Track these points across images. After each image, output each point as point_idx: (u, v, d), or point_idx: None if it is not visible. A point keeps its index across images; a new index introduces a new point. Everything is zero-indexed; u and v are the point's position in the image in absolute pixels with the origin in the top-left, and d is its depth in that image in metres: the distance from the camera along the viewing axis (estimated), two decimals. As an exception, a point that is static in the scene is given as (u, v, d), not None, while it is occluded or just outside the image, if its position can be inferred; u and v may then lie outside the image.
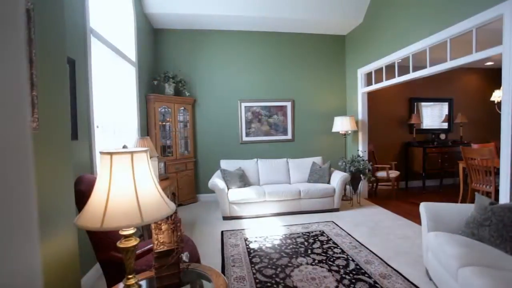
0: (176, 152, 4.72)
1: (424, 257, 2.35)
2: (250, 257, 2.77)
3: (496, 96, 5.07)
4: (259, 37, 5.24)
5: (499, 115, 2.57)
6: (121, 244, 1.13)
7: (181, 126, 4.94)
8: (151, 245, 1.84)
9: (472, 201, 2.30)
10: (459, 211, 2.28)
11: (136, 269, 1.64)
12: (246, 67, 5.23)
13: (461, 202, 4.13)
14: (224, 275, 2.45)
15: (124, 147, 2.78)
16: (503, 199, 2.52)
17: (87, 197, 1.13)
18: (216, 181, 3.94)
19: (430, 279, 2.27)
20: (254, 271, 2.50)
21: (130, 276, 1.15)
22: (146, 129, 4.36)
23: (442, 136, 6.12)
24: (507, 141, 2.46)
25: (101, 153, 1.10)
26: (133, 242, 1.14)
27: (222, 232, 3.51)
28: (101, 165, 1.10)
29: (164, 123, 4.66)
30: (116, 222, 1.02)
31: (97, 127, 2.62)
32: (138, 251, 1.74)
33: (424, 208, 2.35)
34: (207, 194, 5.14)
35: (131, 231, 1.13)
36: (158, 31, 4.95)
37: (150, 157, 3.12)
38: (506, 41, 2.45)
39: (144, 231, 3.06)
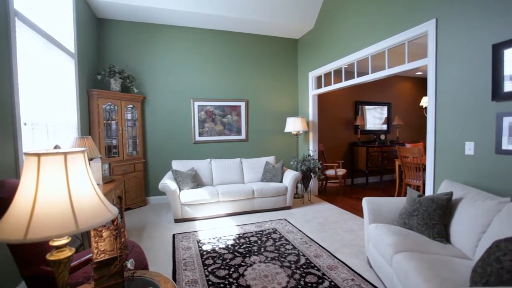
0: (123, 152, 4.39)
1: (365, 248, 2.57)
2: (203, 259, 2.71)
3: (424, 102, 5.79)
4: (214, 36, 5.17)
5: (426, 118, 2.94)
6: (52, 256, 1.00)
7: (129, 124, 4.61)
8: (91, 254, 1.68)
9: (406, 195, 2.60)
10: (395, 204, 2.55)
11: (71, 283, 1.48)
12: (200, 65, 5.11)
13: (397, 196, 4.64)
14: (175, 280, 2.35)
15: (56, 147, 2.48)
16: (428, 191, 2.88)
17: (10, 205, 0.97)
18: (167, 182, 3.77)
19: (371, 267, 2.49)
20: (207, 273, 2.45)
21: (63, 292, 1.03)
22: (88, 128, 3.97)
23: (382, 137, 6.78)
24: (431, 141, 2.82)
25: (26, 154, 0.96)
26: (66, 253, 1.02)
27: (173, 235, 3.37)
28: (25, 168, 0.96)
29: (109, 122, 4.30)
30: (45, 231, 0.90)
31: (25, 124, 2.30)
32: (74, 263, 1.57)
33: (366, 202, 2.57)
34: (157, 196, 4.90)
35: (64, 241, 1.01)
36: (102, 21, 4.54)
37: (91, 158, 2.86)
38: (430, 54, 2.81)
39: (85, 240, 2.78)
